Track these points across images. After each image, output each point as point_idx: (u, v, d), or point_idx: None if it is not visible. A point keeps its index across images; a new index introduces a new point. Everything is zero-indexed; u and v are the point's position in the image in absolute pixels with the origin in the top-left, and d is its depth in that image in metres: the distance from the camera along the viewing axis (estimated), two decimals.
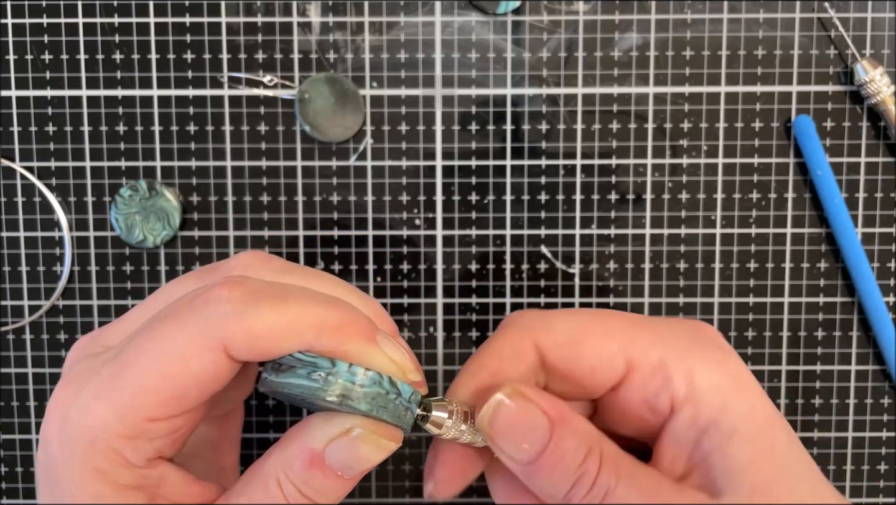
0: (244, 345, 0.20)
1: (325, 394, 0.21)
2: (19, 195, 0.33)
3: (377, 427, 0.21)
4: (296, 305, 0.21)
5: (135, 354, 0.21)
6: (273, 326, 0.20)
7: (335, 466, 0.21)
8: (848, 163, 0.33)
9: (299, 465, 0.21)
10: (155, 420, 0.21)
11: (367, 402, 0.21)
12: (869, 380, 0.34)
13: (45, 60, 0.33)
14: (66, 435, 0.21)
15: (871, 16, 0.32)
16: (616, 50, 0.32)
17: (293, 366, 0.21)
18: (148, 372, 0.20)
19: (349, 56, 0.32)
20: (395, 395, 0.21)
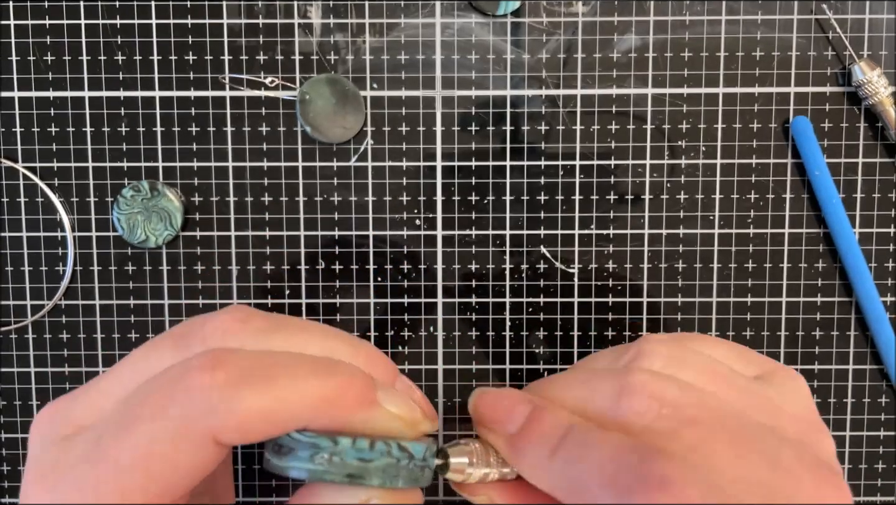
0: (234, 434, 0.19)
1: (332, 477, 0.19)
2: (22, 195, 0.33)
3: (394, 495, 0.20)
4: (286, 381, 0.19)
5: (116, 451, 0.19)
6: (264, 410, 0.19)
7: None
8: (846, 163, 0.33)
9: None
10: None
11: (378, 476, 0.20)
12: (866, 379, 0.34)
13: (47, 62, 0.33)
14: None
15: (868, 17, 0.32)
16: (615, 51, 0.33)
17: (293, 448, 0.19)
18: (132, 471, 0.19)
19: (350, 57, 0.33)
20: (408, 459, 0.20)
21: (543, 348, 0.34)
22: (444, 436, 0.34)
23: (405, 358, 0.34)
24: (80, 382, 0.34)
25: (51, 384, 0.34)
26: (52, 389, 0.34)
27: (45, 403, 0.34)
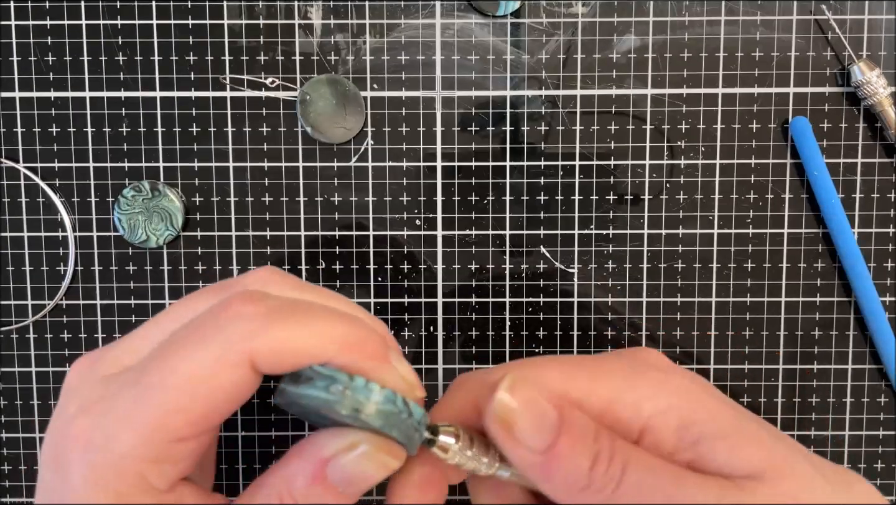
0: (270, 359, 0.20)
1: (341, 407, 0.21)
2: (23, 196, 0.33)
3: (383, 444, 0.21)
4: (318, 320, 0.21)
5: (160, 375, 0.20)
6: (297, 340, 0.20)
7: (336, 482, 0.21)
8: (845, 164, 0.33)
9: (302, 481, 0.21)
10: (184, 440, 0.20)
11: (380, 418, 0.21)
12: (865, 379, 0.34)
13: (48, 62, 0.33)
14: (92, 463, 0.20)
15: (867, 17, 0.32)
16: (614, 52, 0.33)
17: (311, 378, 0.21)
18: (177, 392, 0.20)
19: (350, 58, 0.33)
20: (407, 414, 0.22)
21: (543, 348, 0.34)
22: None
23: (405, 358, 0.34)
24: None
25: (52, 384, 0.34)
26: (53, 389, 0.34)
27: (45, 403, 0.34)
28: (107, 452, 0.20)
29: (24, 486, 0.34)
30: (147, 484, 0.21)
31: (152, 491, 0.21)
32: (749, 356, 0.34)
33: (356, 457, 0.21)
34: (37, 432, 0.34)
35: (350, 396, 0.21)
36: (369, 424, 0.21)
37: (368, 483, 0.22)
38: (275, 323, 0.20)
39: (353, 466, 0.21)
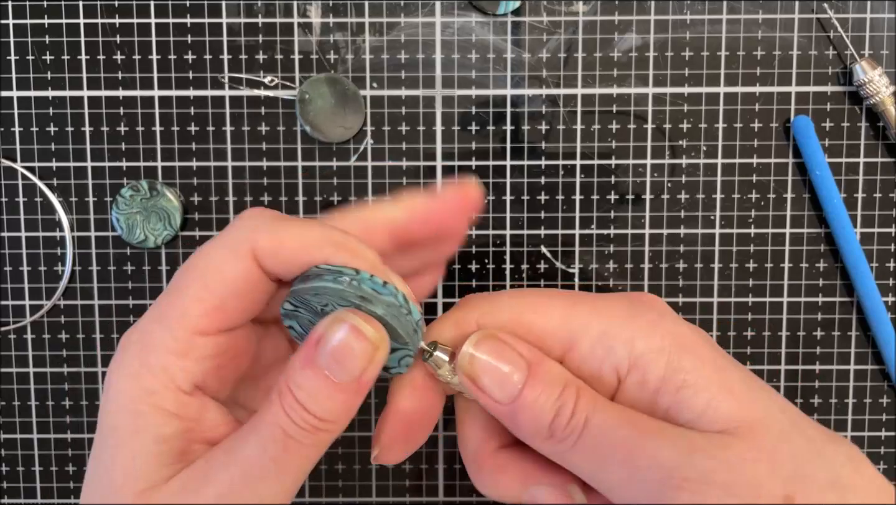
0: (271, 252, 0.22)
1: (348, 295, 0.22)
2: (21, 195, 0.33)
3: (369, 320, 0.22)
4: (315, 226, 0.23)
5: (182, 278, 0.23)
6: (296, 237, 0.22)
7: (324, 364, 0.21)
8: (847, 163, 0.33)
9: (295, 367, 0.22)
10: (203, 333, 0.22)
11: (383, 307, 0.22)
12: (868, 379, 0.34)
13: (46, 61, 0.33)
14: (124, 359, 0.23)
15: (869, 16, 0.32)
16: (615, 51, 0.32)
17: (319, 274, 0.22)
18: (194, 284, 0.22)
19: (349, 57, 0.33)
20: (407, 312, 0.22)
21: None
22: (444, 436, 0.34)
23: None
24: (79, 383, 0.34)
25: (49, 384, 0.34)
26: (51, 390, 0.34)
27: (43, 403, 0.34)
28: (140, 345, 0.23)
29: (23, 487, 0.34)
30: (170, 380, 0.22)
31: (175, 389, 0.22)
32: (751, 357, 0.34)
33: (342, 333, 0.21)
34: (35, 433, 0.34)
35: (356, 286, 0.22)
36: (373, 311, 0.22)
37: (355, 365, 0.22)
38: (275, 223, 0.23)
39: (338, 343, 0.21)
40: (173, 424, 0.23)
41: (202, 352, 0.23)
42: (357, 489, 0.34)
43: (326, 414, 0.22)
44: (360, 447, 0.34)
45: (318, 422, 0.22)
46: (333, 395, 0.22)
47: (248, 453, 0.22)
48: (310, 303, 0.23)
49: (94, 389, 0.34)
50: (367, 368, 0.22)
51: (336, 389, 0.22)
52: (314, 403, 0.22)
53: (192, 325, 0.22)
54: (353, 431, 0.34)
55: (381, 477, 0.34)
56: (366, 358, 0.22)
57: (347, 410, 0.22)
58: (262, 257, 0.22)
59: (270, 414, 0.22)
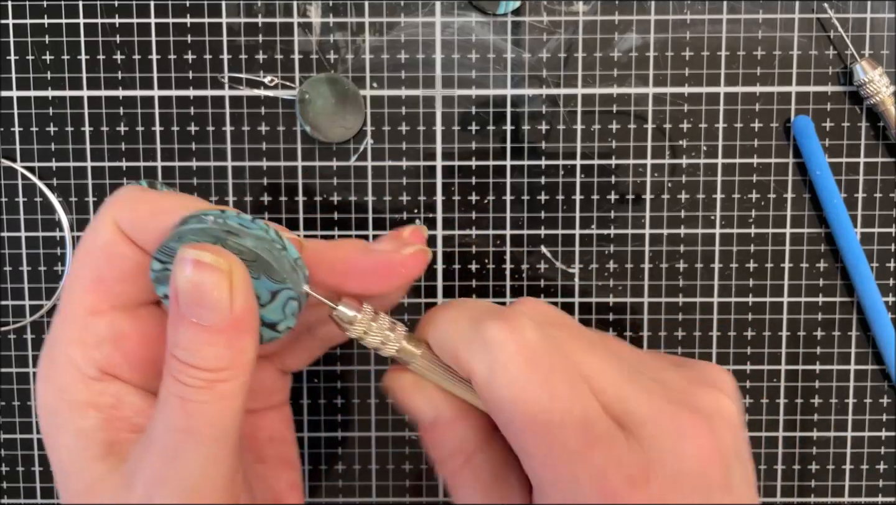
0: (129, 220, 0.22)
1: (213, 231, 0.21)
2: (20, 195, 0.33)
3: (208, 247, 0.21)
4: (175, 195, 0.23)
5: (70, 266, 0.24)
6: (153, 203, 0.23)
7: (186, 309, 0.20)
8: (847, 163, 0.33)
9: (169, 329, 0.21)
10: (93, 312, 0.22)
11: (253, 240, 0.21)
12: (868, 380, 0.34)
13: (46, 61, 0.33)
14: (39, 364, 0.23)
15: (870, 16, 0.32)
16: (615, 50, 0.32)
17: (185, 221, 0.22)
18: (75, 264, 0.23)
19: (349, 56, 0.33)
20: (281, 247, 0.21)
21: None
22: None
23: None
24: None
25: None
26: None
27: None
28: (47, 346, 0.23)
29: (22, 487, 0.34)
30: (76, 370, 0.22)
31: (82, 378, 0.22)
32: (751, 357, 0.34)
33: (187, 272, 0.20)
34: (34, 434, 0.34)
35: (221, 223, 0.21)
36: (242, 244, 0.21)
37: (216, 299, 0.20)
38: (135, 194, 0.23)
39: (188, 284, 0.20)
40: (91, 415, 0.22)
41: (99, 333, 0.22)
42: (357, 489, 0.34)
43: (214, 363, 0.21)
44: (359, 447, 0.34)
45: (208, 374, 0.21)
46: (212, 339, 0.21)
47: (158, 433, 0.21)
48: (175, 252, 0.21)
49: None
50: (234, 297, 0.21)
51: (211, 332, 0.21)
52: (196, 357, 0.21)
53: (80, 306, 0.22)
54: (353, 432, 0.34)
55: (381, 477, 0.34)
56: (221, 287, 0.20)
57: (238, 350, 0.21)
58: (122, 224, 0.22)
59: (164, 387, 0.21)
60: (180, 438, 0.21)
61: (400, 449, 0.34)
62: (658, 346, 0.34)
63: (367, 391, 0.34)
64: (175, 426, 0.21)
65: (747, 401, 0.34)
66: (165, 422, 0.21)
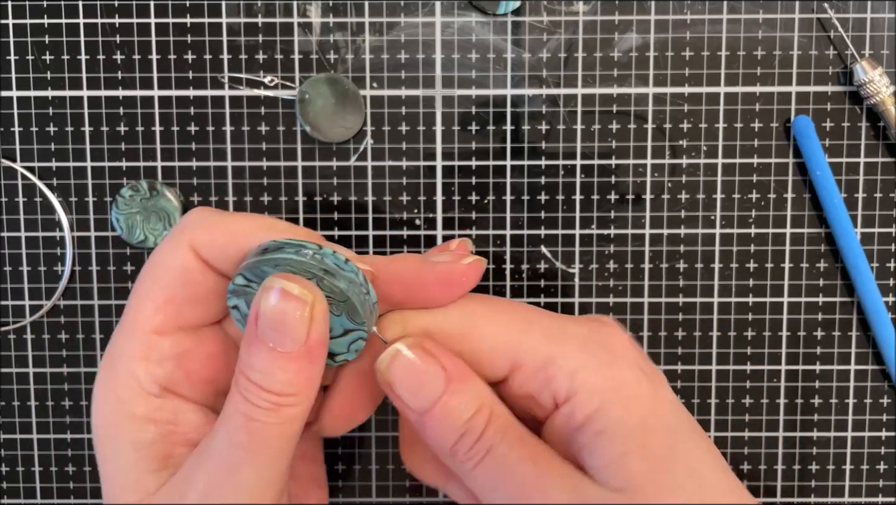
0: (205, 242, 0.23)
1: (311, 267, 0.21)
2: (20, 195, 0.33)
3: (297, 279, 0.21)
4: (250, 216, 0.24)
5: (136, 284, 0.24)
6: (229, 225, 0.23)
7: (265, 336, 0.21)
8: (847, 163, 0.33)
9: (243, 349, 0.22)
10: (159, 332, 0.23)
11: (345, 283, 0.22)
12: (868, 380, 0.34)
13: (46, 61, 0.33)
14: (99, 374, 0.24)
15: (870, 16, 0.32)
16: (616, 50, 0.32)
17: (280, 247, 0.22)
18: (142, 287, 0.23)
19: (349, 56, 0.33)
20: (366, 291, 0.22)
21: None
22: None
23: None
24: (78, 383, 0.34)
25: (49, 385, 0.34)
26: (51, 390, 0.34)
27: (43, 403, 0.34)
28: (109, 357, 0.23)
29: (22, 487, 0.34)
30: (138, 385, 0.23)
31: (143, 394, 0.23)
32: (751, 357, 0.34)
33: (273, 300, 0.21)
34: (34, 434, 0.34)
35: (319, 260, 0.22)
36: (335, 285, 0.22)
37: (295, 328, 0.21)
38: (211, 216, 0.24)
39: (272, 311, 0.21)
40: (149, 430, 0.23)
41: (163, 352, 0.23)
42: (357, 489, 0.34)
43: (283, 388, 0.21)
44: (359, 447, 0.34)
45: (277, 398, 0.21)
46: (285, 365, 0.21)
47: (218, 447, 0.22)
48: (266, 276, 0.22)
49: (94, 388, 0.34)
50: (311, 329, 0.21)
51: (285, 359, 0.21)
52: (268, 380, 0.21)
53: (147, 324, 0.23)
54: (353, 432, 0.34)
55: (381, 477, 0.34)
56: (303, 318, 0.21)
57: (306, 378, 0.22)
58: (199, 248, 0.23)
59: (231, 404, 0.22)
60: (241, 454, 0.21)
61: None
62: (658, 346, 0.33)
63: None
64: (237, 442, 0.21)
65: (748, 401, 0.34)
66: (227, 437, 0.22)
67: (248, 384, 0.21)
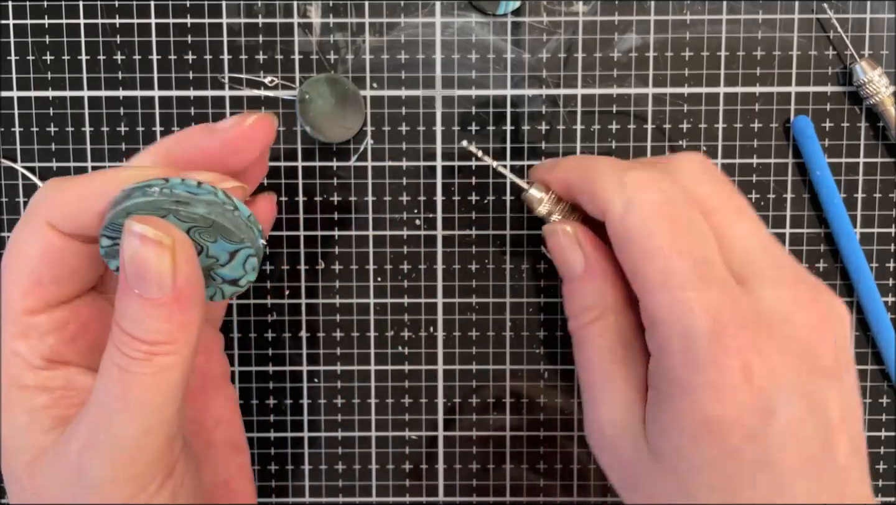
0: (61, 217, 0.22)
1: (162, 203, 0.21)
2: (21, 195, 0.33)
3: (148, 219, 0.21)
4: (98, 174, 0.23)
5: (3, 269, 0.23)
6: (80, 192, 0.22)
7: (131, 281, 0.21)
8: (847, 163, 0.33)
9: (116, 300, 0.21)
10: (33, 313, 0.23)
11: (205, 206, 0.21)
12: (868, 380, 0.34)
13: (46, 61, 0.33)
14: None
15: (869, 16, 0.32)
16: (615, 51, 0.32)
17: (128, 195, 0.21)
18: (6, 273, 0.23)
19: (350, 57, 0.33)
20: (233, 208, 0.22)
21: (543, 348, 0.34)
22: (444, 437, 0.34)
23: (405, 358, 0.34)
24: None
25: None
26: None
27: None
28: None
29: None
30: (23, 361, 0.23)
31: (30, 368, 0.23)
32: None
33: (133, 245, 0.21)
34: None
35: (168, 193, 0.21)
36: (195, 212, 0.21)
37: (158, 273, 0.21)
38: (58, 185, 0.23)
39: (133, 257, 0.21)
40: (41, 397, 0.23)
41: (41, 329, 0.23)
42: (357, 489, 0.34)
43: (155, 336, 0.21)
44: (359, 447, 0.34)
45: (149, 347, 0.21)
46: (154, 312, 0.21)
47: (95, 400, 0.22)
48: (121, 227, 0.22)
49: None
50: (177, 273, 0.21)
51: (153, 305, 0.21)
52: (138, 328, 0.21)
53: (19, 308, 0.23)
54: (353, 431, 0.34)
55: (381, 477, 0.34)
56: (164, 262, 0.21)
57: (178, 325, 0.21)
58: (56, 223, 0.23)
59: (106, 356, 0.22)
60: (115, 406, 0.21)
61: (400, 449, 0.34)
62: None
63: (367, 391, 0.34)
64: (111, 394, 0.21)
65: None
66: (104, 389, 0.21)
67: (122, 335, 0.21)
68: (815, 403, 0.22)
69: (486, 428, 0.34)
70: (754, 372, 0.22)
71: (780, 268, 0.24)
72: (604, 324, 0.26)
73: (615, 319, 0.25)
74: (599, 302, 0.26)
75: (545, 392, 0.34)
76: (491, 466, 0.34)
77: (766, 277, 0.23)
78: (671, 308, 0.22)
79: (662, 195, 0.24)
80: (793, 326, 0.23)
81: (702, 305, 0.22)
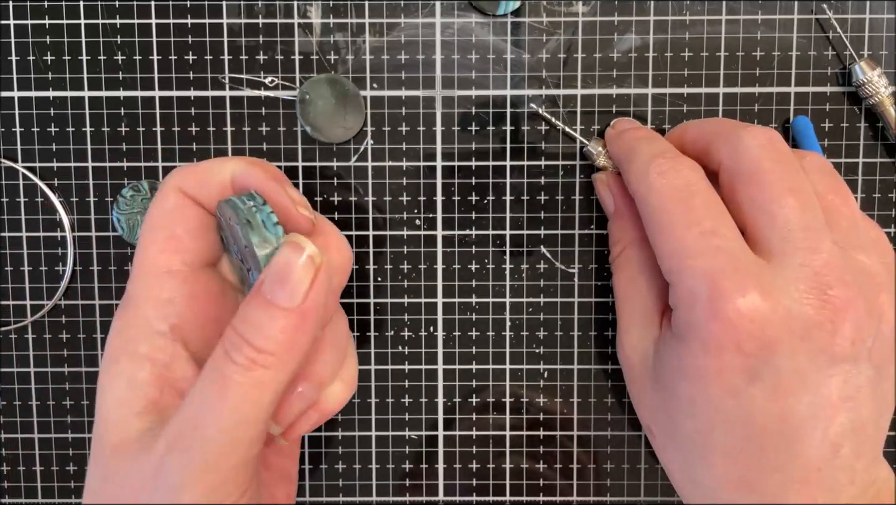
0: (188, 183, 0.25)
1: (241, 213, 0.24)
2: (21, 195, 0.33)
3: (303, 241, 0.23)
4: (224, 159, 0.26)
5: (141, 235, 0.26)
6: (207, 164, 0.26)
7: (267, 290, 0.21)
8: (846, 163, 0.33)
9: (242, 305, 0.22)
10: (167, 271, 0.25)
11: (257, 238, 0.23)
12: None
13: (47, 62, 0.33)
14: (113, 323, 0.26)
15: (869, 17, 0.32)
16: (615, 51, 0.33)
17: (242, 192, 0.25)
18: (144, 235, 0.25)
19: (350, 57, 0.33)
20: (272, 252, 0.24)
21: (543, 348, 0.34)
22: (444, 436, 0.34)
23: (405, 358, 0.34)
24: (80, 383, 0.34)
25: (50, 384, 0.34)
26: (52, 390, 0.34)
27: (44, 403, 0.34)
28: (122, 306, 0.25)
29: (24, 486, 0.34)
30: (146, 323, 0.24)
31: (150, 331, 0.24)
32: None
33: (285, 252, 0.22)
34: (35, 433, 0.34)
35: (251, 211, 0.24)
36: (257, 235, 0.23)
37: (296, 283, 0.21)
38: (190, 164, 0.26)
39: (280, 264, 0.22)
40: (145, 368, 0.24)
41: (171, 289, 0.24)
42: (357, 489, 0.34)
43: (264, 342, 0.21)
44: (359, 447, 0.34)
45: (255, 354, 0.21)
46: (274, 315, 0.21)
47: (191, 399, 0.22)
48: (224, 214, 0.25)
49: (95, 388, 0.34)
50: (311, 291, 0.21)
51: (277, 310, 0.21)
52: (253, 332, 0.21)
53: (153, 264, 0.25)
54: (353, 431, 0.34)
55: (381, 477, 0.34)
56: (307, 276, 0.21)
57: (290, 339, 0.21)
58: (183, 187, 0.26)
59: (212, 357, 0.22)
60: (209, 411, 0.21)
61: (400, 449, 0.34)
62: None
63: (367, 391, 0.34)
64: (207, 397, 0.21)
65: None
66: (201, 389, 0.22)
67: (234, 336, 0.21)
68: (810, 383, 0.23)
69: (486, 428, 0.34)
70: (749, 337, 0.23)
71: (818, 241, 0.25)
72: (627, 255, 0.30)
73: (636, 252, 0.29)
74: (624, 237, 0.30)
75: (545, 392, 0.34)
76: (491, 466, 0.34)
77: (794, 243, 0.25)
78: (681, 271, 0.25)
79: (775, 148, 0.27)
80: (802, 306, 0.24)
81: (703, 266, 0.24)
